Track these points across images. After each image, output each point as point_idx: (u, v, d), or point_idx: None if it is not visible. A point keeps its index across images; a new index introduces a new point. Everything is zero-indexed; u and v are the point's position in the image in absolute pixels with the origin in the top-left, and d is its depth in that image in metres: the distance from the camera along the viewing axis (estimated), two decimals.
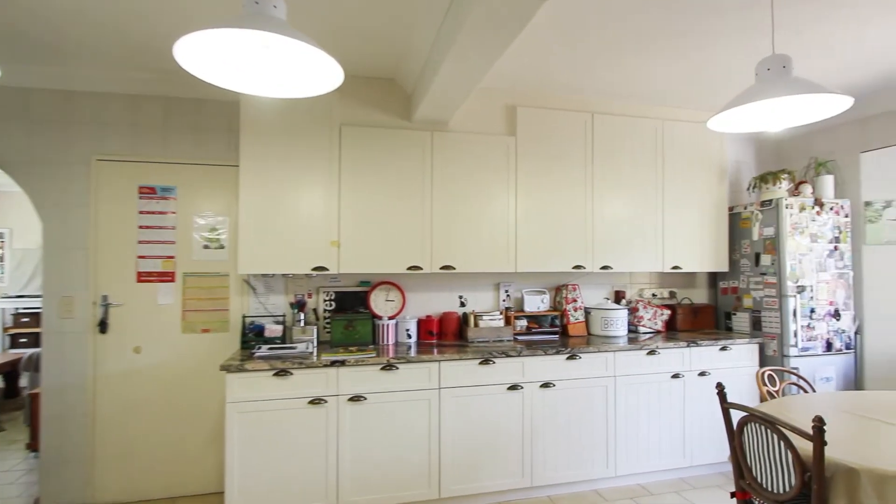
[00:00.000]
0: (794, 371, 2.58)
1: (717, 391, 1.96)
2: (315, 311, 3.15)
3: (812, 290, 3.27)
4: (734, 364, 3.24)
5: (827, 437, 1.70)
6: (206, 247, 3.03)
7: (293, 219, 2.81)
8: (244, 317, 2.98)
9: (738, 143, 4.03)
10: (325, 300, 3.16)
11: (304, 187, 2.82)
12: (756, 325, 3.42)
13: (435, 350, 2.84)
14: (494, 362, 2.79)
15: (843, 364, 3.33)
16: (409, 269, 2.96)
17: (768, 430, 1.73)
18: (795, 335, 3.22)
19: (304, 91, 1.62)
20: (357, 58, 2.75)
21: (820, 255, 3.30)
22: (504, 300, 3.47)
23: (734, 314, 3.61)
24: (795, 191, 3.44)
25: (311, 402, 2.52)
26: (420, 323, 3.20)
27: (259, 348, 2.75)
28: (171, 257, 2.98)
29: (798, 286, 3.24)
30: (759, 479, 1.80)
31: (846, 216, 3.38)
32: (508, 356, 2.81)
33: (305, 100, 2.83)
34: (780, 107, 1.89)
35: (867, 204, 3.45)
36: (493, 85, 3.15)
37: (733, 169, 4.00)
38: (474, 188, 3.08)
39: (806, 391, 2.52)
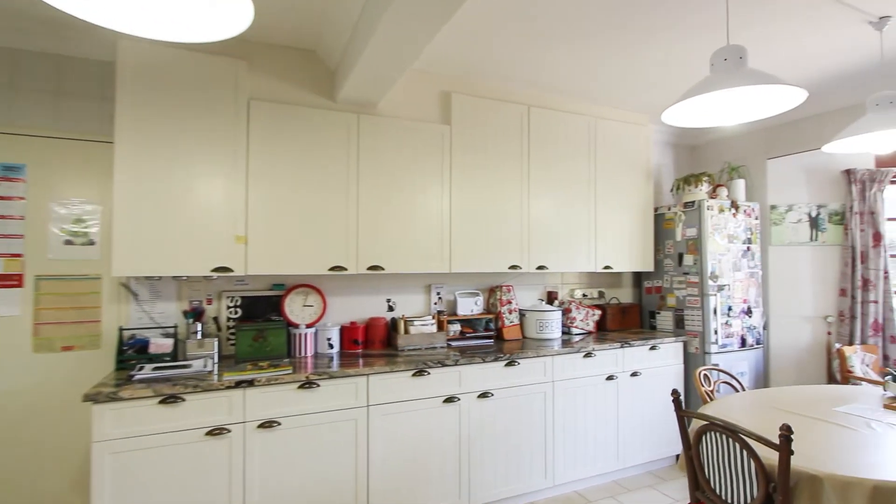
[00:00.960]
0: (727, 371, 2.61)
1: (672, 398, 1.85)
2: (216, 320, 2.65)
3: (729, 289, 3.40)
4: (663, 363, 3.28)
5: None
6: (68, 242, 2.41)
7: (187, 209, 2.31)
8: (121, 329, 2.40)
9: (657, 146, 4.14)
10: (230, 307, 2.68)
11: (202, 170, 2.33)
12: (679, 323, 3.50)
13: (361, 361, 2.49)
14: (429, 373, 2.52)
15: (754, 359, 3.51)
16: (332, 269, 2.58)
17: (730, 440, 1.63)
18: (716, 333, 3.33)
19: (201, 33, 1.21)
20: (272, 23, 2.32)
21: (735, 256, 3.45)
22: (436, 303, 3.21)
23: (658, 313, 3.68)
24: (713, 193, 3.58)
25: (211, 433, 2.06)
26: (343, 331, 2.82)
27: (141, 368, 2.21)
28: (18, 255, 2.33)
29: (718, 285, 3.36)
30: (717, 491, 1.71)
31: (756, 218, 3.58)
32: (445, 365, 2.54)
33: (204, 65, 2.34)
34: (734, 100, 1.82)
35: (772, 207, 3.68)
36: (427, 68, 2.88)
37: (654, 171, 4.11)
38: (406, 180, 2.78)
39: (737, 389, 2.55)
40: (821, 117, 3.35)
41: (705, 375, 2.54)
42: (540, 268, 3.17)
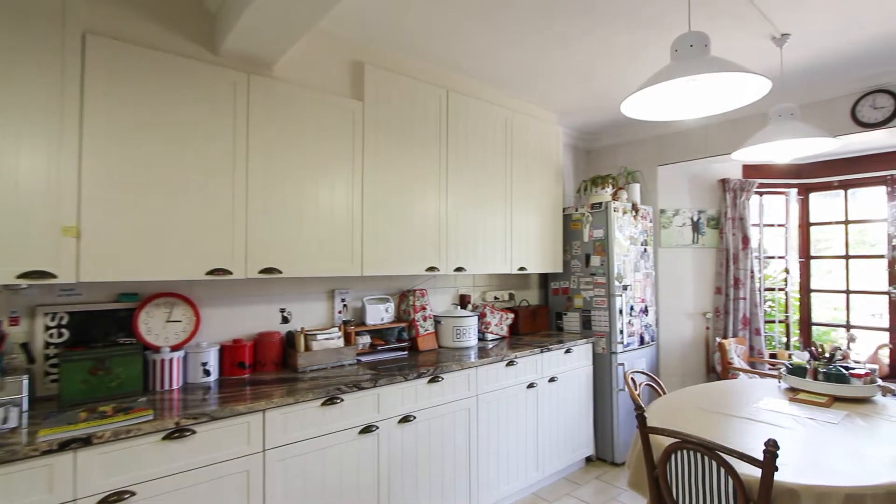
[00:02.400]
0: (650, 374, 2.60)
1: (636, 414, 1.68)
2: (26, 347, 1.83)
3: (631, 289, 3.50)
4: (576, 366, 3.22)
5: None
6: None
7: None
8: None
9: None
10: (50, 328, 1.88)
11: (4, 132, 1.56)
12: (586, 324, 3.51)
13: (251, 391, 1.93)
14: (342, 399, 2.05)
15: (650, 355, 3.67)
16: (212, 273, 1.96)
17: (704, 457, 1.50)
18: (621, 332, 3.39)
19: None
20: None
21: (635, 257, 3.57)
22: (340, 312, 2.72)
23: (565, 314, 3.66)
24: (615, 196, 3.67)
25: None
26: (225, 351, 2.20)
27: None
28: None
29: (623, 286, 3.43)
30: None
31: (650, 221, 3.76)
32: (361, 388, 2.10)
33: None
34: (695, 90, 1.72)
35: (662, 211, 3.91)
36: (337, 31, 2.39)
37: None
38: (309, 163, 2.26)
39: (658, 392, 2.55)
40: (706, 128, 3.62)
41: (632, 378, 2.49)
42: (458, 269, 2.88)
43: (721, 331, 3.78)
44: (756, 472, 1.42)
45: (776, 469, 1.36)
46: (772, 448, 1.35)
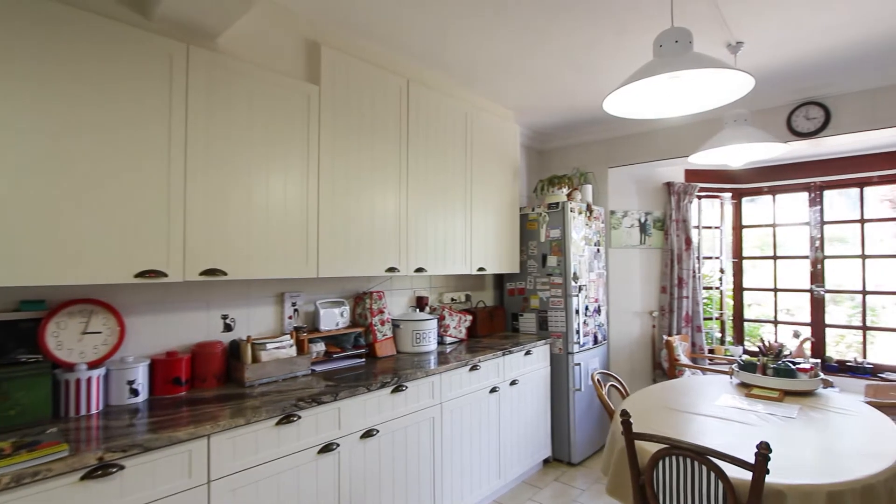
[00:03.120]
0: (614, 374, 2.60)
1: (622, 420, 1.62)
2: None
3: (586, 289, 3.52)
4: (535, 367, 3.18)
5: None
6: None
7: None
8: None
9: None
10: None
11: None
12: (543, 324, 3.48)
13: (187, 412, 1.66)
14: (299, 417, 1.82)
15: (602, 354, 3.72)
16: (143, 275, 1.66)
17: (694, 462, 1.47)
18: (578, 332, 3.40)
19: None
20: None
21: (590, 257, 3.60)
22: (290, 317, 2.46)
23: (521, 315, 3.61)
24: (570, 196, 3.68)
25: None
26: (156, 367, 1.89)
27: None
28: None
29: (579, 286, 3.44)
30: None
31: (602, 222, 3.82)
32: (321, 403, 1.88)
33: None
34: (676, 88, 1.69)
35: (612, 213, 3.99)
36: (291, 5, 2.15)
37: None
38: (259, 151, 2.01)
39: (622, 392, 2.55)
40: (655, 133, 3.73)
41: (598, 380, 2.47)
42: (419, 270, 2.73)
43: (666, 328, 3.92)
44: (745, 475, 1.41)
45: (767, 472, 1.35)
46: (764, 450, 1.34)
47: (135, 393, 1.79)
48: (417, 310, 2.99)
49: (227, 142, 1.89)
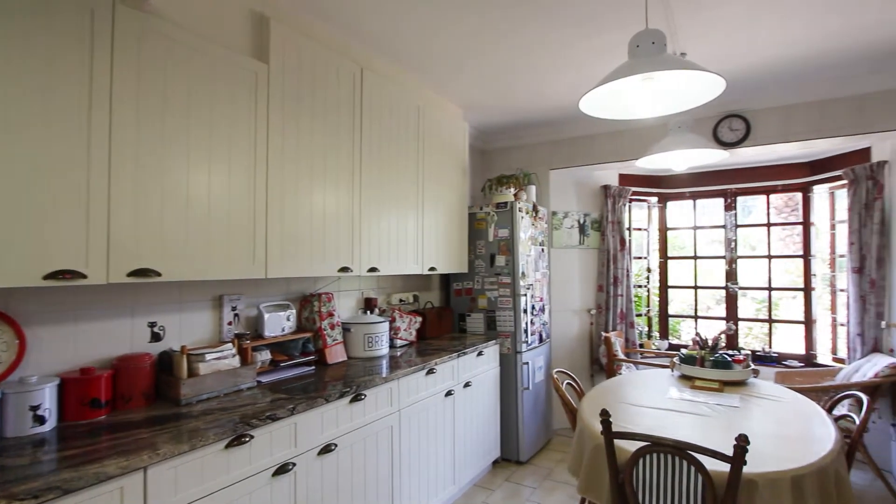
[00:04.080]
0: (568, 372, 2.62)
1: (601, 419, 1.61)
2: None
3: (532, 289, 3.56)
4: (486, 368, 3.15)
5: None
6: None
7: None
8: None
9: None
10: None
11: None
12: (491, 324, 3.47)
13: (110, 440, 1.39)
14: (252, 437, 1.61)
15: (546, 352, 3.79)
16: (55, 276, 1.36)
17: (675, 458, 1.48)
18: (526, 331, 3.42)
19: None
20: None
21: (535, 257, 3.65)
22: (230, 323, 2.19)
23: (469, 315, 3.57)
24: (517, 196, 3.70)
25: None
26: (68, 386, 1.56)
27: None
28: None
29: (527, 285, 3.46)
30: None
31: (546, 223, 3.89)
32: (276, 419, 1.68)
33: None
34: (651, 89, 1.72)
35: (553, 214, 4.08)
36: None
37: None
38: (198, 133, 1.75)
39: (577, 390, 2.58)
40: (593, 138, 3.88)
41: (553, 379, 2.48)
42: (372, 270, 2.57)
43: (603, 325, 4.09)
44: (722, 467, 1.45)
45: (745, 463, 1.40)
46: (742, 443, 1.38)
47: (40, 420, 1.46)
48: (368, 312, 2.82)
49: (159, 121, 1.62)
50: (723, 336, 3.99)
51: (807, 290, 3.88)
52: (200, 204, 1.74)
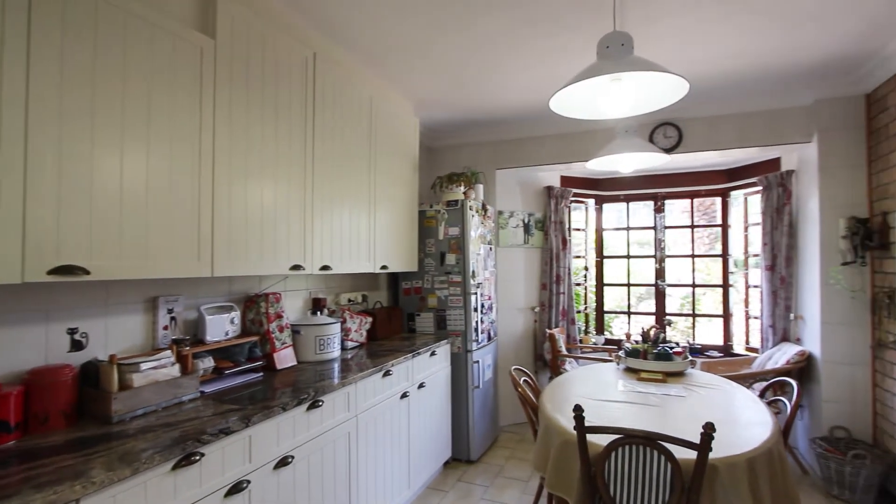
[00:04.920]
0: (523, 368, 2.64)
1: (574, 415, 1.62)
2: None
3: (481, 287, 3.57)
4: (439, 367, 3.10)
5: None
6: None
7: None
8: None
9: None
10: None
11: None
12: (441, 324, 3.42)
13: (21, 470, 1.17)
14: (202, 455, 1.43)
15: (494, 350, 3.81)
16: None
17: (646, 449, 1.53)
18: (476, 330, 3.41)
19: None
20: None
21: (484, 255, 3.66)
22: (166, 327, 1.95)
23: (418, 315, 3.50)
24: (465, 195, 3.69)
25: None
26: None
27: None
28: None
29: (477, 283, 3.46)
30: None
31: (493, 222, 3.92)
32: (228, 433, 1.51)
33: None
34: (618, 90, 1.76)
35: (500, 213, 4.13)
36: None
37: None
38: (134, 113, 1.53)
39: (533, 387, 2.61)
40: (540, 139, 3.96)
41: (512, 376, 2.48)
42: (324, 268, 2.42)
43: (546, 322, 4.20)
44: (688, 455, 1.51)
45: (711, 449, 1.47)
46: (710, 430, 1.45)
47: None
48: (319, 313, 2.65)
49: (88, 98, 1.39)
50: (653, 331, 4.25)
51: (725, 286, 4.25)
52: (137, 193, 1.53)
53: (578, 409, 1.62)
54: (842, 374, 2.99)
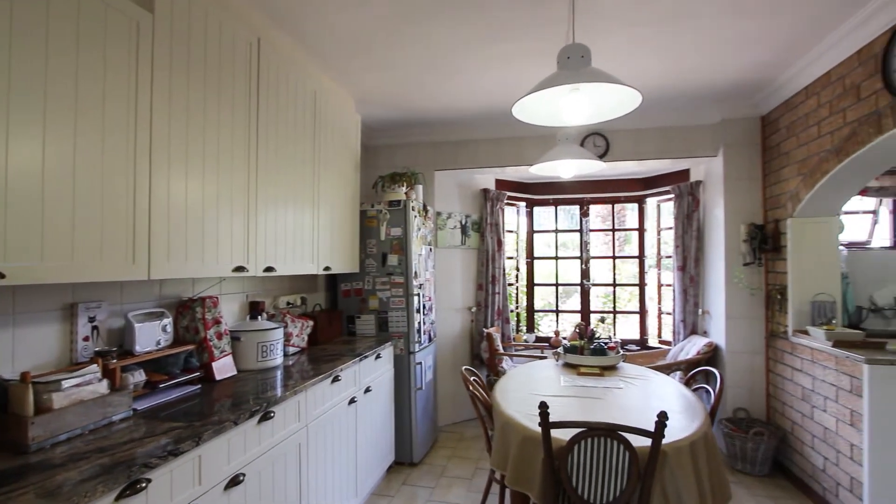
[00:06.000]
0: (472, 368, 2.66)
1: (540, 411, 1.67)
2: None
3: (423, 288, 3.55)
4: (383, 370, 3.03)
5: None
6: None
7: None
8: None
9: None
10: None
11: None
12: (383, 326, 3.36)
13: None
14: (149, 481, 1.27)
15: (434, 351, 3.81)
16: None
17: (607, 440, 1.62)
18: (419, 331, 3.39)
19: None
20: None
21: (425, 256, 3.65)
22: (87, 338, 1.70)
23: (359, 317, 3.40)
24: (406, 195, 3.65)
25: None
26: None
27: None
28: None
29: (419, 284, 3.44)
30: (585, 496, 1.66)
31: (433, 222, 3.92)
32: (177, 455, 1.35)
33: None
34: (579, 100, 1.84)
35: (438, 214, 4.14)
36: None
37: None
38: (61, 89, 1.32)
39: (481, 385, 2.64)
40: (477, 143, 4.04)
41: (464, 376, 2.50)
42: (268, 270, 2.27)
43: (482, 322, 4.29)
44: (643, 442, 1.63)
45: (663, 437, 1.59)
46: (663, 419, 1.57)
47: None
48: (260, 317, 2.47)
49: (6, 75, 1.18)
50: (590, 329, 4.50)
51: (641, 285, 4.63)
52: (62, 187, 1.32)
53: (544, 406, 1.67)
54: (742, 362, 3.40)
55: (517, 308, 4.82)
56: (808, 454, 2.84)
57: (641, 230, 4.67)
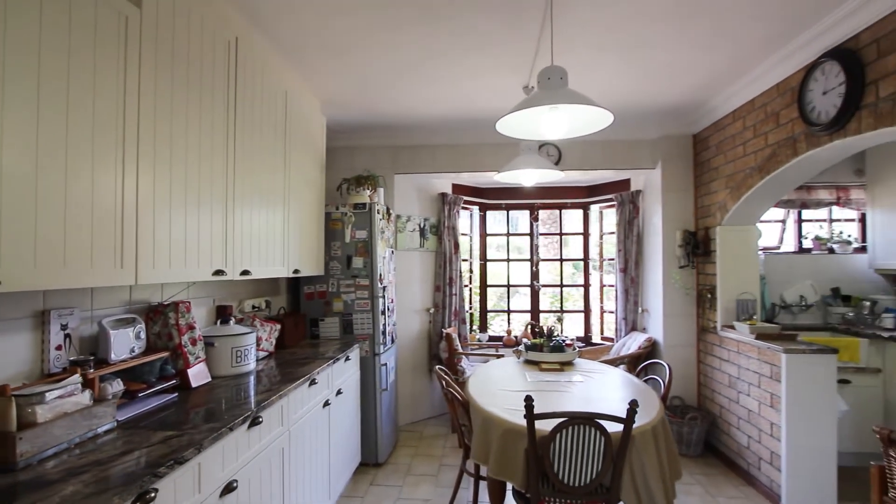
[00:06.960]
0: (444, 368, 2.75)
1: (525, 404, 1.80)
2: None
3: (387, 290, 3.59)
4: (351, 373, 3.05)
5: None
6: None
7: None
8: None
9: None
10: None
11: None
12: (347, 328, 3.36)
13: None
14: (156, 492, 1.24)
15: (395, 352, 3.86)
16: None
17: (586, 427, 1.78)
18: (384, 333, 3.43)
19: None
20: None
21: (388, 259, 3.69)
22: (59, 347, 1.60)
23: (323, 320, 3.38)
24: (370, 198, 3.67)
25: None
26: None
27: None
28: None
29: (383, 286, 3.48)
30: (565, 480, 1.81)
31: (394, 225, 3.96)
32: (182, 463, 1.33)
33: None
34: (557, 118, 2.00)
35: (398, 217, 4.19)
36: None
37: None
38: (49, 97, 1.26)
39: (449, 381, 2.74)
40: (436, 148, 4.13)
41: (439, 376, 2.59)
42: (244, 273, 2.23)
43: (440, 323, 4.39)
44: (615, 428, 1.81)
45: (634, 422, 1.78)
46: (635, 406, 1.76)
47: None
48: (231, 322, 2.40)
49: None
50: (529, 327, 4.73)
51: (586, 286, 4.96)
52: (55, 189, 1.26)
53: (529, 400, 1.81)
54: (678, 354, 3.77)
55: (471, 309, 4.97)
56: (734, 434, 3.23)
57: (586, 234, 5.00)
